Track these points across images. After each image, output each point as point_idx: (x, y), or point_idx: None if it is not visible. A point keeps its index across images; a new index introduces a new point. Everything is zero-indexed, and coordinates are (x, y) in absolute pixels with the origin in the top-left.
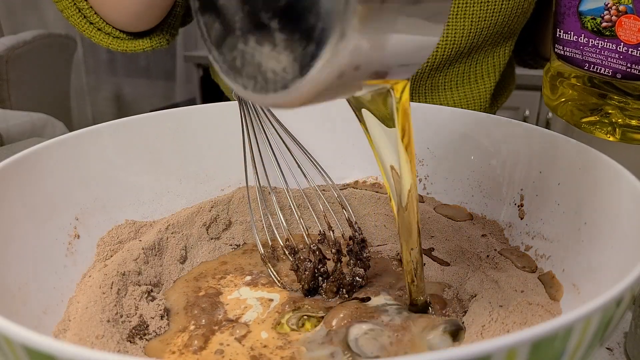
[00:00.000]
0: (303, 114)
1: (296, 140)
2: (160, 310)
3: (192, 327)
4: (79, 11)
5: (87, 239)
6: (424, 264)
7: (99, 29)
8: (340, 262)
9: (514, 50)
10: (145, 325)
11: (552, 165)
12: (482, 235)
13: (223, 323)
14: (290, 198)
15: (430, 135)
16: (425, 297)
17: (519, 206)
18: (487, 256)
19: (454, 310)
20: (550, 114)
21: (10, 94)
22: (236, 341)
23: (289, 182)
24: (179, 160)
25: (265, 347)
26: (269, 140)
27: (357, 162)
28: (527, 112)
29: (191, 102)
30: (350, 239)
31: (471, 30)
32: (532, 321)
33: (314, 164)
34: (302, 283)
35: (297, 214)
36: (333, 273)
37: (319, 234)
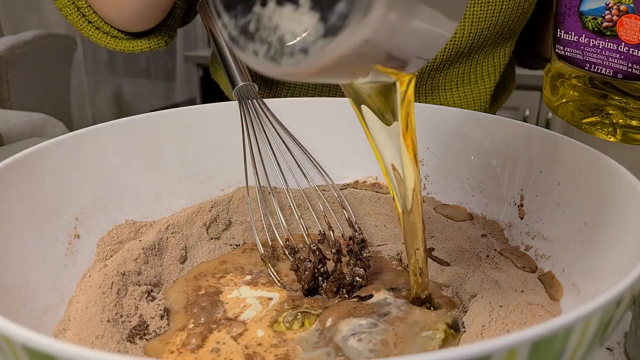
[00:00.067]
0: (303, 114)
1: (296, 140)
2: (160, 310)
3: (191, 326)
4: (78, 10)
5: (87, 239)
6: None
7: (97, 28)
8: (340, 262)
9: (513, 51)
10: (145, 325)
11: (552, 165)
12: (482, 235)
13: (222, 322)
14: (290, 198)
15: (430, 135)
16: (428, 293)
17: (519, 206)
18: (487, 256)
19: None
20: (550, 114)
21: (10, 94)
22: (232, 339)
23: (289, 182)
24: (179, 160)
25: (259, 345)
26: (269, 140)
27: (357, 162)
28: (527, 112)
29: (191, 102)
30: (350, 239)
31: (471, 31)
32: (532, 321)
33: (314, 164)
34: (302, 283)
35: (297, 214)
36: (333, 273)
37: (319, 234)
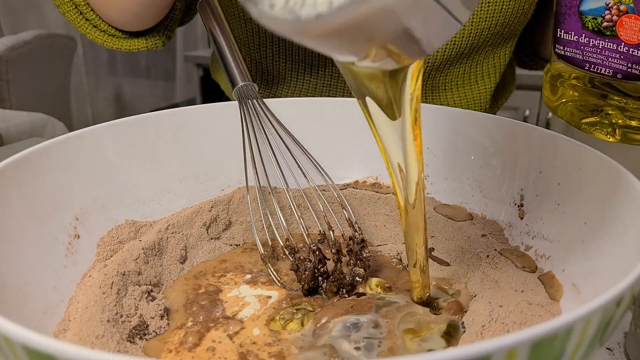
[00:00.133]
0: (303, 114)
1: (296, 140)
2: (160, 310)
3: (189, 324)
4: (76, 7)
5: (87, 239)
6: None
7: (95, 26)
8: (340, 262)
9: (513, 52)
10: (145, 325)
11: (552, 165)
12: (482, 235)
13: (219, 320)
14: (290, 198)
15: (430, 135)
16: (429, 293)
17: (519, 206)
18: (487, 256)
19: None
20: (550, 114)
21: (10, 94)
22: (228, 338)
23: (289, 182)
24: (179, 160)
25: (254, 343)
26: (269, 140)
27: (357, 162)
28: (527, 112)
29: (191, 102)
30: (350, 239)
31: (472, 31)
32: (532, 321)
33: (314, 164)
34: (302, 283)
35: (297, 214)
36: (333, 273)
37: (318, 234)
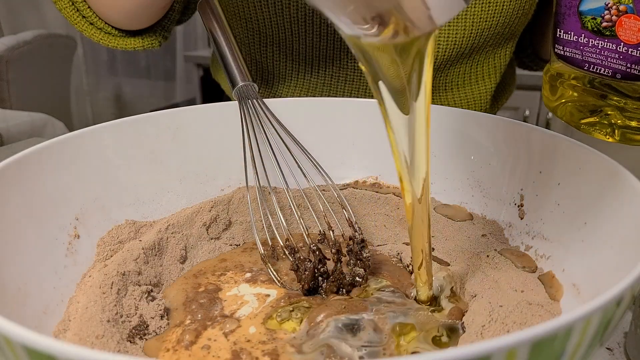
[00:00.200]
0: (303, 114)
1: (296, 140)
2: (160, 310)
3: (187, 322)
4: (73, 4)
5: (87, 239)
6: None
7: (91, 24)
8: (340, 262)
9: (513, 52)
10: (145, 325)
11: (552, 165)
12: (482, 235)
13: (217, 318)
14: (290, 198)
15: (431, 135)
16: (432, 293)
17: (519, 206)
18: (487, 256)
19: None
20: (550, 114)
21: (10, 94)
22: (223, 336)
23: (289, 182)
24: (179, 160)
25: (248, 341)
26: (269, 140)
27: (357, 162)
28: (527, 112)
29: (191, 102)
30: (350, 239)
31: (472, 31)
32: (532, 321)
33: (314, 164)
34: (302, 283)
35: (297, 214)
36: (333, 273)
37: (318, 234)
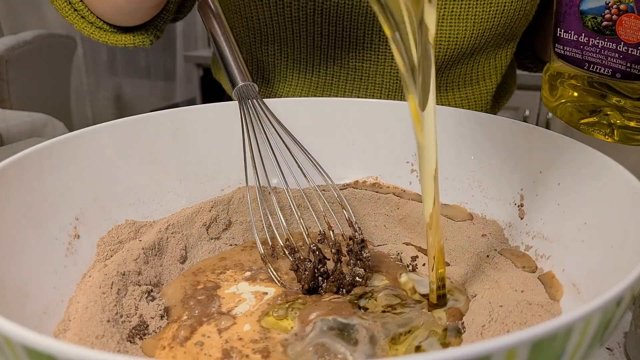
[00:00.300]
0: (303, 114)
1: (296, 140)
2: (160, 310)
3: (184, 318)
4: None
5: (87, 239)
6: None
7: (83, 17)
8: (340, 262)
9: (514, 53)
10: (145, 325)
11: (552, 165)
12: (482, 235)
13: (214, 315)
14: (290, 198)
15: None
16: (444, 290)
17: (519, 206)
18: (487, 256)
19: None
20: (550, 114)
21: (10, 94)
22: (217, 333)
23: (289, 182)
24: (179, 160)
25: (240, 339)
26: (269, 140)
27: (357, 162)
28: (527, 112)
29: (191, 102)
30: (350, 239)
31: (473, 32)
32: (532, 321)
33: (314, 164)
34: (302, 283)
35: (297, 214)
36: (333, 273)
37: (318, 234)
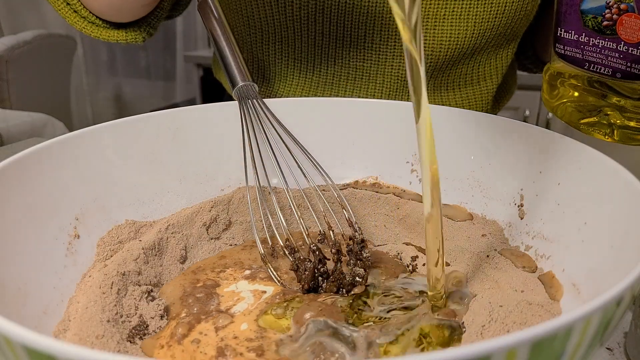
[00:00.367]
0: (303, 114)
1: (296, 140)
2: (160, 310)
3: (182, 315)
4: None
5: (87, 239)
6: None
7: (75, 11)
8: (340, 262)
9: (514, 54)
10: (145, 325)
11: (552, 165)
12: (482, 235)
13: (212, 313)
14: (290, 198)
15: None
16: (443, 293)
17: (519, 206)
18: (487, 256)
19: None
20: (550, 114)
21: (10, 94)
22: (214, 330)
23: (289, 182)
24: (179, 160)
25: (235, 338)
26: (269, 140)
27: (357, 162)
28: (527, 112)
29: (191, 102)
30: (350, 239)
31: (474, 32)
32: (532, 321)
33: (314, 164)
34: (302, 283)
35: (297, 214)
36: (333, 273)
37: (318, 234)
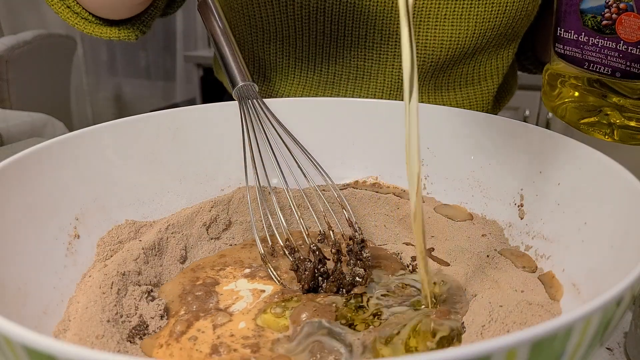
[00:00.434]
0: (303, 114)
1: (296, 140)
2: (160, 310)
3: (181, 313)
4: None
5: (87, 239)
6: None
7: (68, 7)
8: (340, 262)
9: (515, 54)
10: (145, 325)
11: (552, 165)
12: (482, 235)
13: (211, 311)
14: (290, 198)
15: (430, 135)
16: (432, 294)
17: (519, 206)
18: (487, 256)
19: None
20: (550, 114)
21: (10, 94)
22: (212, 328)
23: (289, 182)
24: (179, 160)
25: (231, 336)
26: (269, 140)
27: (357, 162)
28: (527, 112)
29: (191, 102)
30: (350, 239)
31: (475, 31)
32: (532, 321)
33: (314, 164)
34: (302, 283)
35: (297, 214)
36: (333, 273)
37: (318, 234)
